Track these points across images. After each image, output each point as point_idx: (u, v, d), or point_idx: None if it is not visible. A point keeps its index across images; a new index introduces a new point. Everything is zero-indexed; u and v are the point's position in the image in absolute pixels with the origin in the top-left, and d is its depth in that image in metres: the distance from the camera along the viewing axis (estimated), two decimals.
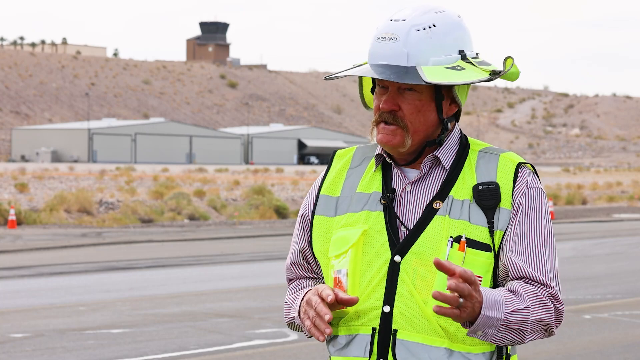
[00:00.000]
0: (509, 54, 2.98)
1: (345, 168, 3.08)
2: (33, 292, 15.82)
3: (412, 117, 2.92)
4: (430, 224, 2.90)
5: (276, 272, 18.29)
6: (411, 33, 2.89)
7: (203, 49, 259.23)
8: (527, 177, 2.95)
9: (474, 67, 2.94)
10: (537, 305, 2.86)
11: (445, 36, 2.92)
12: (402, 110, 2.92)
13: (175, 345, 11.09)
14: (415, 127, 2.93)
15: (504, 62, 2.95)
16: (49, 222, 32.74)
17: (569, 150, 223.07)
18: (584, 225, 35.81)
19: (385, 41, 2.90)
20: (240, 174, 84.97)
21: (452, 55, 2.93)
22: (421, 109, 2.92)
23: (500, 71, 2.94)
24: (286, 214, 38.76)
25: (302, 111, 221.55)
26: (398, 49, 2.88)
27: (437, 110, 2.95)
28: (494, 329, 2.80)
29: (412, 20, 2.91)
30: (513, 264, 2.90)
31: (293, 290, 3.13)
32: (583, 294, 15.46)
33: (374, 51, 2.92)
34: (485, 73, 2.93)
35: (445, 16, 2.93)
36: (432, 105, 2.94)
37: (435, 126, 2.96)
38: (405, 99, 2.92)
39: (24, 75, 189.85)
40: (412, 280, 2.87)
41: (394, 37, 2.89)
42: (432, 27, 2.90)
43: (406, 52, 2.88)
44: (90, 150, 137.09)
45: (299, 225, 3.12)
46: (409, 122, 2.92)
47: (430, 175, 2.97)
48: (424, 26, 2.90)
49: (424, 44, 2.89)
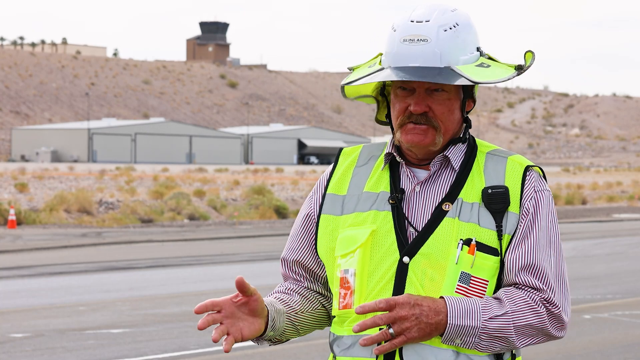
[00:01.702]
0: (528, 49, 2.96)
1: (351, 166, 3.06)
2: (33, 292, 15.82)
3: (444, 117, 2.91)
4: (440, 226, 2.88)
5: (276, 272, 18.28)
6: (440, 33, 2.87)
7: (203, 49, 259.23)
8: (534, 181, 2.94)
9: (497, 63, 2.95)
10: (524, 310, 2.83)
11: (467, 34, 2.91)
12: (432, 110, 2.90)
13: (175, 345, 11.09)
14: (446, 126, 2.92)
15: (524, 57, 2.95)
16: (49, 222, 32.73)
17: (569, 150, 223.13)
18: (584, 225, 35.81)
19: (414, 43, 2.87)
20: (240, 174, 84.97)
21: (474, 53, 2.93)
22: (451, 108, 2.92)
23: (522, 65, 2.93)
24: (286, 214, 38.75)
25: (302, 111, 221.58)
26: (430, 50, 2.86)
27: (462, 108, 2.96)
28: (474, 337, 2.79)
29: (437, 20, 2.88)
30: (509, 269, 2.88)
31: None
32: (583, 294, 15.45)
33: (401, 53, 2.88)
34: (511, 68, 2.94)
35: (461, 14, 2.92)
36: (458, 103, 2.94)
37: (460, 124, 2.97)
38: (435, 100, 2.90)
39: (24, 75, 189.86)
40: (420, 282, 2.86)
41: (424, 39, 2.86)
42: (456, 26, 2.89)
43: (439, 53, 2.86)
44: (90, 150, 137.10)
45: (301, 225, 3.09)
46: (441, 122, 2.91)
47: (440, 176, 2.96)
48: (450, 25, 2.88)
49: (452, 44, 2.87)
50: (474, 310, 2.80)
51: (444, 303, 2.79)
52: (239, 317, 2.90)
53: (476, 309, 2.80)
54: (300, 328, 3.08)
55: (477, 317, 2.79)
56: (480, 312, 2.80)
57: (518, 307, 2.83)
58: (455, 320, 2.78)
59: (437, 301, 2.79)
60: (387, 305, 2.74)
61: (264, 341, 3.03)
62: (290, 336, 3.08)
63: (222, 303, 2.87)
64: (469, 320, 2.79)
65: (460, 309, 2.79)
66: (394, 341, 2.76)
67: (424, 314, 2.76)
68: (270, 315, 2.96)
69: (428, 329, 2.77)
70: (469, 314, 2.79)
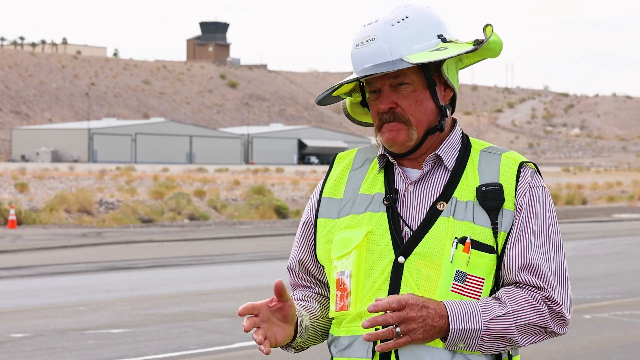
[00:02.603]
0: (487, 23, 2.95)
1: (347, 170, 3.07)
2: (33, 292, 15.82)
3: (412, 109, 2.92)
4: (435, 225, 2.88)
5: (276, 272, 18.28)
6: (387, 29, 2.89)
7: (203, 49, 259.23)
8: (529, 177, 2.94)
9: (457, 44, 2.94)
10: (525, 309, 2.83)
11: (420, 24, 2.92)
12: (399, 106, 2.92)
13: (175, 345, 11.09)
14: (417, 118, 2.93)
15: (483, 30, 2.94)
16: (49, 222, 32.73)
17: (569, 150, 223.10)
18: (584, 225, 35.81)
19: (364, 45, 2.90)
20: (240, 174, 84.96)
21: (433, 41, 2.93)
22: (418, 99, 2.92)
23: (482, 40, 2.93)
24: (286, 214, 38.75)
25: (302, 111, 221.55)
26: (378, 46, 2.88)
27: (433, 98, 2.94)
28: (476, 340, 2.79)
29: (384, 18, 2.91)
30: (508, 268, 2.88)
31: None
32: (583, 294, 15.45)
33: (355, 58, 2.92)
34: (469, 45, 2.93)
35: (414, 8, 2.94)
36: (426, 93, 2.93)
37: (435, 114, 2.95)
38: (400, 94, 2.92)
39: (24, 75, 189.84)
40: (415, 281, 2.86)
41: (371, 38, 2.89)
42: (405, 19, 2.91)
43: (387, 48, 2.88)
44: (90, 150, 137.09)
45: (300, 232, 3.11)
46: (410, 115, 2.92)
47: (433, 176, 2.96)
48: (397, 20, 2.90)
49: (402, 36, 2.89)
50: (475, 312, 2.79)
51: (445, 307, 2.79)
52: (273, 322, 2.91)
53: (476, 311, 2.80)
54: (322, 334, 3.10)
55: (479, 319, 2.79)
56: (481, 314, 2.80)
57: (519, 307, 2.83)
58: (457, 324, 2.78)
59: (440, 304, 2.79)
60: (398, 305, 2.74)
61: (291, 348, 3.05)
62: (313, 343, 3.10)
63: (260, 307, 2.88)
64: (470, 322, 2.79)
65: (460, 312, 2.79)
66: (399, 340, 2.77)
67: (430, 316, 2.76)
68: (298, 322, 2.97)
69: (432, 332, 2.78)
70: (469, 316, 2.79)
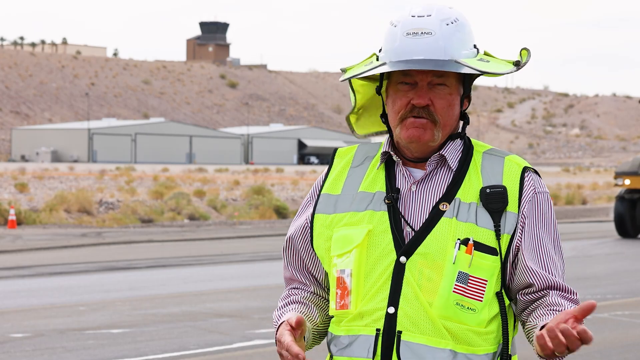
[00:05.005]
0: (524, 46, 2.96)
1: (347, 167, 3.06)
2: (33, 292, 15.82)
3: (443, 111, 2.91)
4: (437, 226, 2.88)
5: (276, 272, 18.28)
6: (443, 27, 2.87)
7: (203, 48, 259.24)
8: (534, 182, 2.95)
9: (495, 59, 2.96)
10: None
11: (466, 29, 2.93)
12: (433, 104, 2.90)
13: (175, 345, 11.09)
14: (445, 121, 2.92)
15: (520, 54, 2.95)
16: (49, 222, 32.72)
17: (569, 150, 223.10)
18: (584, 225, 35.80)
19: (418, 36, 2.86)
20: (240, 174, 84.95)
21: (472, 50, 2.94)
22: (450, 102, 2.92)
23: (519, 62, 2.93)
24: (286, 214, 38.74)
25: (302, 111, 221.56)
26: (434, 43, 2.86)
27: (461, 104, 2.96)
28: None
29: (438, 15, 2.89)
30: (536, 275, 2.90)
31: (280, 305, 3.10)
32: (583, 294, 15.44)
33: (407, 46, 2.87)
34: (510, 64, 2.94)
35: (458, 12, 2.94)
36: (457, 99, 2.95)
37: (457, 120, 2.97)
38: (437, 94, 2.90)
39: (24, 75, 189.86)
40: (417, 282, 2.85)
41: (428, 32, 2.86)
42: (456, 21, 2.90)
43: (443, 46, 2.86)
44: (90, 150, 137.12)
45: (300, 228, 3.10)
46: (440, 116, 2.91)
47: (436, 176, 2.95)
48: (451, 20, 2.89)
49: (454, 38, 2.88)
50: None
51: None
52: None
53: None
54: (320, 337, 3.11)
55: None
56: None
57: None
58: None
59: None
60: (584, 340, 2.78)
61: None
62: (312, 346, 3.11)
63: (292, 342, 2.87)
64: None
65: None
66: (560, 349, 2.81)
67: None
68: (305, 337, 2.97)
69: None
70: None
